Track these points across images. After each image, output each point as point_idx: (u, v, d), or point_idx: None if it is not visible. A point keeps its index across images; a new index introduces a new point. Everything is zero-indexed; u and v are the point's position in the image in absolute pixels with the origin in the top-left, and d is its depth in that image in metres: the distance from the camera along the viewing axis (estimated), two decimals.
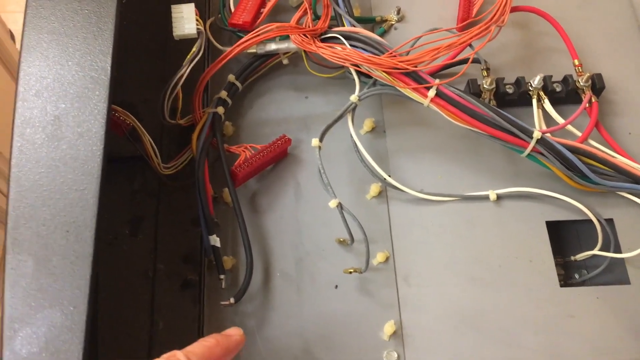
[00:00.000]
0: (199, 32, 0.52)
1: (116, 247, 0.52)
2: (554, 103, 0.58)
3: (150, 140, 0.51)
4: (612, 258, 0.54)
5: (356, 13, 0.63)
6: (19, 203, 0.38)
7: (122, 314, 0.50)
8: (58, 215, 0.38)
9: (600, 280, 0.56)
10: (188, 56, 0.51)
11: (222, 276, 0.50)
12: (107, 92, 0.41)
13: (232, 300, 0.49)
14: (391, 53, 0.53)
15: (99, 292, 0.48)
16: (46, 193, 0.38)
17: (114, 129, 0.50)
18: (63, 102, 0.41)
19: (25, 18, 0.43)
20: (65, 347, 0.35)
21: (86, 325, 0.35)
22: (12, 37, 1.50)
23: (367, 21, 0.64)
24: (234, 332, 0.42)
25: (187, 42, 0.54)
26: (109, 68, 0.42)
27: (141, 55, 0.59)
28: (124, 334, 0.49)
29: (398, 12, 0.64)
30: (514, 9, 0.59)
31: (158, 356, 0.36)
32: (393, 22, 0.64)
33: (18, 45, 1.40)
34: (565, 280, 0.57)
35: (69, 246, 0.37)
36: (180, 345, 0.38)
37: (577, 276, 0.58)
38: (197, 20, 0.52)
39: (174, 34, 0.51)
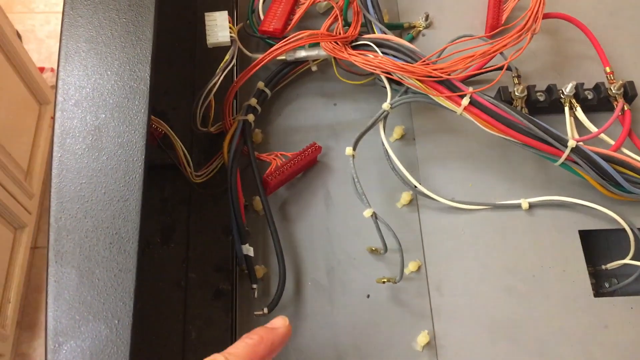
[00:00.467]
0: (232, 40, 0.52)
1: (148, 255, 0.51)
2: (585, 111, 0.57)
3: (183, 147, 0.51)
4: None
5: (385, 19, 0.63)
6: (60, 214, 0.38)
7: (155, 323, 0.49)
8: (100, 227, 0.37)
9: (631, 289, 0.55)
10: (221, 64, 0.51)
11: (254, 285, 0.50)
12: (146, 102, 0.41)
13: (265, 310, 0.49)
14: (424, 61, 0.52)
15: None
16: (88, 204, 0.38)
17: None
18: (103, 112, 0.41)
19: (62, 27, 0.43)
20: None
21: (131, 339, 0.35)
22: (19, 37, 1.50)
23: (395, 27, 0.63)
24: (279, 324, 0.39)
25: (216, 50, 0.54)
26: (149, 78, 0.42)
27: (170, 63, 0.59)
28: (157, 344, 0.49)
29: (426, 18, 0.63)
30: (546, 16, 0.58)
31: None
32: (421, 29, 0.64)
33: (25, 45, 1.40)
34: (596, 289, 0.57)
35: (112, 258, 0.37)
36: None
37: (607, 285, 0.58)
38: (230, 28, 0.51)
39: (208, 42, 0.51)
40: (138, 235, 0.37)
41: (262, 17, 0.59)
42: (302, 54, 0.58)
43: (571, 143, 0.51)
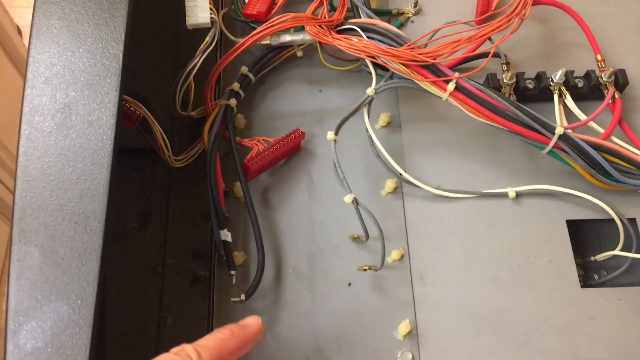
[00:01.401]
0: (212, 22, 0.51)
1: (125, 241, 0.50)
2: (575, 99, 0.56)
3: (161, 131, 0.50)
4: (633, 259, 0.52)
5: (373, 5, 0.62)
6: (26, 193, 0.37)
7: (130, 309, 0.48)
8: (66, 206, 0.36)
9: (620, 281, 0.54)
10: (201, 46, 0.50)
11: (232, 272, 0.49)
12: (118, 80, 0.40)
13: (242, 297, 0.48)
14: (410, 45, 0.51)
15: (106, 287, 0.46)
16: (54, 183, 0.37)
17: (124, 120, 0.49)
18: (73, 89, 0.40)
19: (35, 3, 0.42)
20: (71, 342, 0.34)
21: (94, 320, 0.34)
22: (20, 32, 1.50)
23: (383, 14, 0.62)
24: (251, 322, 0.39)
25: (200, 34, 0.53)
26: (121, 55, 0.41)
27: (153, 47, 0.58)
28: (132, 330, 0.48)
29: (415, 4, 0.62)
30: (536, 2, 0.57)
31: (165, 352, 0.35)
32: (410, 15, 0.63)
33: (25, 41, 1.40)
34: (585, 281, 0.55)
35: (78, 237, 0.36)
36: (189, 342, 0.37)
37: (596, 277, 0.56)
38: (211, 9, 0.50)
39: (187, 23, 0.50)
40: (105, 214, 0.36)
41: (246, 1, 0.58)
42: (286, 38, 0.57)
43: (559, 130, 0.50)
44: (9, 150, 1.26)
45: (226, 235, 0.49)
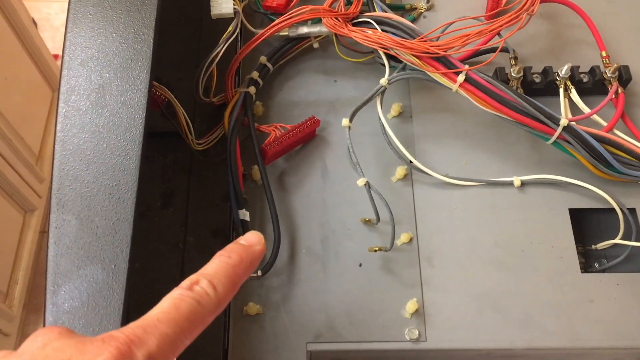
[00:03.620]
0: (235, 12, 0.53)
1: (148, 218, 0.53)
2: (580, 93, 0.58)
3: (185, 115, 0.52)
4: (633, 247, 0.55)
5: (387, 0, 0.64)
6: (64, 166, 0.40)
7: (152, 283, 0.51)
8: (101, 178, 0.39)
9: (620, 269, 0.56)
10: (224, 35, 0.53)
11: None
12: (149, 64, 0.43)
13: (259, 272, 0.50)
14: (422, 38, 0.54)
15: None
16: (90, 157, 0.40)
17: (150, 104, 0.51)
18: (107, 72, 0.42)
19: None
20: (105, 303, 0.36)
21: (126, 283, 0.37)
22: (35, 24, 1.53)
23: (397, 9, 0.65)
24: (254, 240, 0.36)
25: (222, 24, 0.55)
26: (152, 41, 0.43)
27: (177, 35, 0.61)
28: (154, 302, 0.50)
29: (428, 0, 0.65)
30: (544, 0, 0.59)
31: None
32: (422, 11, 0.65)
33: (41, 33, 1.43)
34: (586, 268, 0.58)
35: (111, 207, 0.38)
36: None
37: (597, 265, 0.59)
38: (233, 0, 0.53)
39: (212, 12, 0.53)
40: (136, 186, 0.39)
41: None
42: (304, 30, 0.59)
43: (563, 121, 0.52)
44: (24, 141, 1.29)
45: (244, 214, 0.52)
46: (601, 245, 0.57)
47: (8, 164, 1.22)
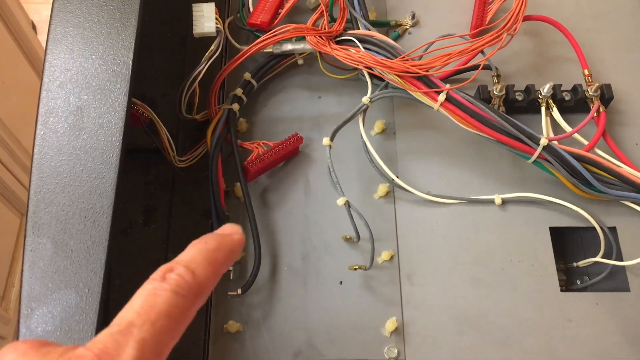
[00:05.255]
0: (217, 31, 0.54)
1: (130, 235, 0.54)
2: (562, 112, 0.59)
3: (167, 133, 0.53)
4: (613, 266, 0.55)
5: (372, 17, 0.65)
6: (40, 188, 0.40)
7: None
8: (77, 202, 0.40)
9: (601, 287, 0.57)
10: (206, 54, 0.53)
11: (231, 267, 0.52)
12: (127, 86, 0.43)
13: (239, 291, 0.51)
14: (403, 57, 0.54)
15: (111, 279, 0.49)
16: (66, 180, 0.40)
17: (132, 121, 0.52)
18: (85, 93, 0.43)
19: (52, 12, 0.45)
20: (78, 327, 0.37)
21: (99, 307, 0.37)
22: (34, 27, 1.54)
23: (382, 25, 0.65)
24: (231, 230, 0.33)
25: (206, 40, 0.56)
26: (131, 63, 0.44)
27: (161, 51, 0.61)
28: None
29: (413, 17, 0.65)
30: (527, 18, 0.60)
31: None
32: (407, 27, 0.65)
33: (40, 36, 1.44)
34: (567, 286, 0.58)
35: (86, 231, 0.39)
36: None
37: (579, 282, 0.59)
38: (216, 19, 0.53)
39: (194, 31, 0.53)
40: (112, 210, 0.39)
41: (251, 10, 0.61)
42: (288, 47, 0.60)
43: (543, 141, 0.53)
44: (22, 144, 1.30)
45: None
46: (582, 263, 0.57)
47: (5, 167, 1.23)
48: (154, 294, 0.27)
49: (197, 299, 0.28)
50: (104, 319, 0.39)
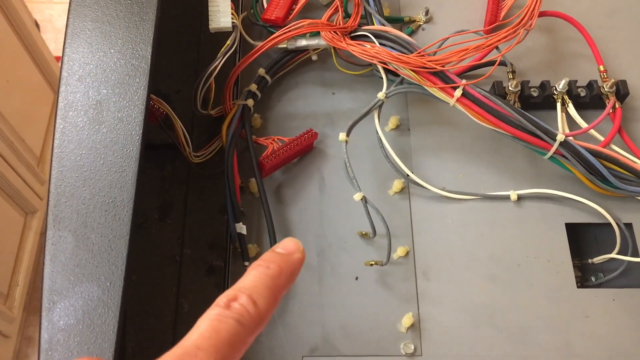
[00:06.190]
0: (233, 26, 0.54)
1: (146, 230, 0.53)
2: (577, 108, 0.58)
3: (183, 128, 0.53)
4: (629, 262, 0.55)
5: (385, 13, 0.65)
6: (60, 182, 0.40)
7: (149, 295, 0.51)
8: (97, 195, 0.39)
9: (616, 283, 0.56)
10: (222, 49, 0.53)
11: (246, 263, 0.52)
12: (146, 80, 0.43)
13: None
14: (420, 52, 0.54)
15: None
16: (87, 173, 0.40)
17: (148, 117, 0.52)
18: (105, 87, 0.43)
19: (70, 6, 0.45)
20: (100, 320, 0.37)
21: (121, 301, 0.37)
22: (38, 26, 1.54)
23: (395, 21, 0.65)
24: (292, 248, 0.31)
25: (220, 36, 0.56)
26: (150, 57, 0.43)
27: (176, 47, 0.61)
28: (151, 314, 0.51)
29: (426, 13, 0.65)
30: (542, 14, 0.60)
31: (183, 336, 0.29)
32: (421, 23, 0.65)
33: (43, 35, 1.44)
34: (582, 282, 0.58)
35: (107, 224, 0.39)
36: None
37: (593, 279, 0.59)
38: (232, 14, 0.53)
39: (210, 26, 0.53)
40: (132, 204, 0.39)
41: (265, 6, 0.61)
42: (302, 43, 0.60)
43: (560, 137, 0.53)
44: (26, 143, 1.30)
45: (241, 228, 0.52)
46: (598, 259, 0.57)
47: (9, 165, 1.23)
48: (219, 320, 0.27)
49: (258, 328, 0.28)
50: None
